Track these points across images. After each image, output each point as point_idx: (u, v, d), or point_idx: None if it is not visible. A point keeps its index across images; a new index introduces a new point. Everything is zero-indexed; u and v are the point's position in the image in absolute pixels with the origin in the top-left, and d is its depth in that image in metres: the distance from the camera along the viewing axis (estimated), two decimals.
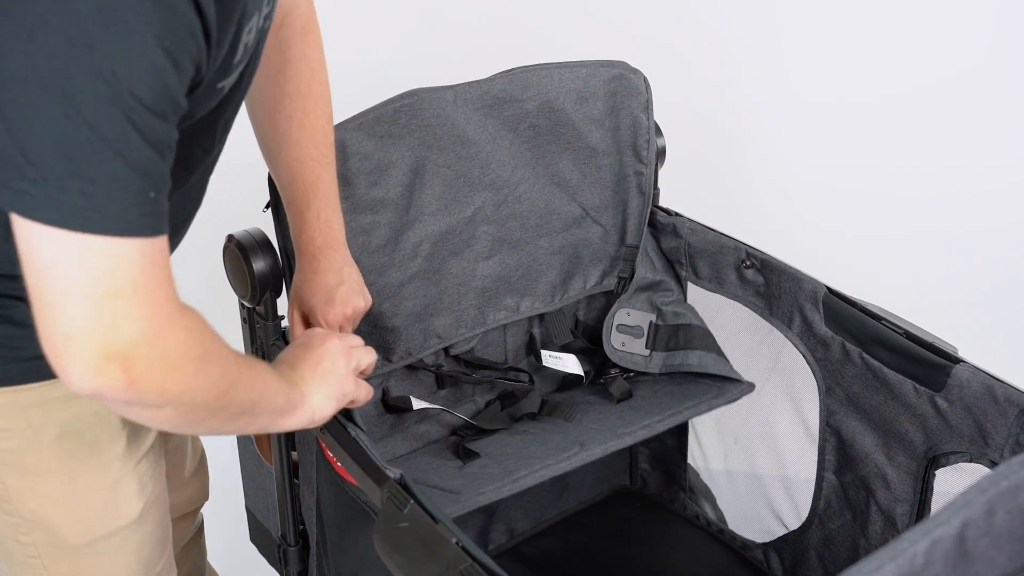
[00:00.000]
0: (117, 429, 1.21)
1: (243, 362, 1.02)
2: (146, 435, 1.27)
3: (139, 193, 0.83)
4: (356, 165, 1.39)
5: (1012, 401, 1.24)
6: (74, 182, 0.80)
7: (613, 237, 1.62)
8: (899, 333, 1.36)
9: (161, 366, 0.88)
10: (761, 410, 1.62)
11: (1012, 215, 2.78)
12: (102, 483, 1.21)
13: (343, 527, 1.34)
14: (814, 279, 1.47)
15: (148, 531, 1.30)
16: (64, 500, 1.19)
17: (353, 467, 1.20)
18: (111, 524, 1.24)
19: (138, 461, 1.25)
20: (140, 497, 1.26)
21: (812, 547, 1.59)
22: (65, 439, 1.16)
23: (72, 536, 1.22)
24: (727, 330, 1.61)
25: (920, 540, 0.75)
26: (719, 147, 2.81)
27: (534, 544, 1.78)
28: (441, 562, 1.03)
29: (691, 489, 1.80)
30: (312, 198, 1.26)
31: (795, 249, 1.72)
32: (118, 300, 0.84)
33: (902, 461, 1.40)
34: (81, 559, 1.24)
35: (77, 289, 0.83)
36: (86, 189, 0.80)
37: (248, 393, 1.03)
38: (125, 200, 0.82)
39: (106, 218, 0.82)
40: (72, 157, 0.80)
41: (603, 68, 1.56)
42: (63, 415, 1.15)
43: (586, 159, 1.58)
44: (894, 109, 2.83)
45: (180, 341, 0.89)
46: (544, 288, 1.59)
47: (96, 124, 0.79)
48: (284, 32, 1.26)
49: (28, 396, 1.12)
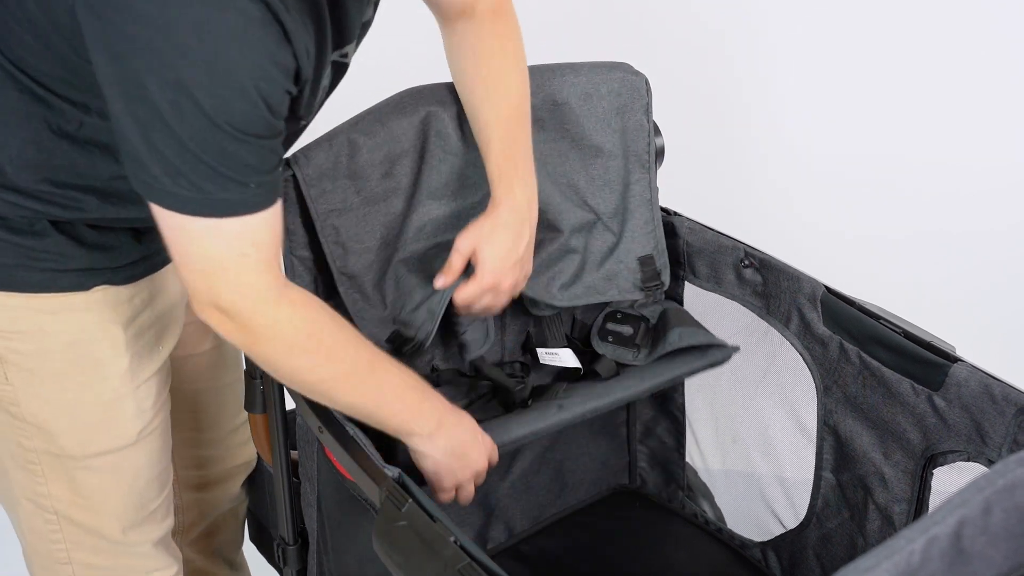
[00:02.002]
0: (121, 347, 1.30)
1: (370, 368, 1.21)
2: (150, 360, 1.35)
3: (240, 187, 1.05)
4: (366, 159, 1.39)
5: (1010, 400, 1.25)
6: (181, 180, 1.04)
7: (625, 245, 1.60)
8: (897, 332, 1.37)
9: (261, 334, 1.14)
10: (759, 410, 1.62)
11: (1012, 215, 2.78)
12: (101, 397, 1.30)
13: (344, 525, 1.34)
14: (812, 278, 1.47)
15: (144, 462, 1.36)
16: (64, 408, 1.28)
17: (352, 466, 1.20)
18: (107, 442, 1.32)
19: (139, 384, 1.33)
20: (137, 420, 1.33)
21: (810, 546, 1.59)
22: (71, 348, 1.27)
23: (69, 446, 1.30)
24: (725, 330, 1.61)
25: (917, 538, 0.75)
26: (717, 146, 2.81)
27: (533, 543, 1.78)
28: (439, 561, 1.03)
29: (690, 488, 1.80)
30: (513, 151, 1.39)
31: (794, 249, 1.72)
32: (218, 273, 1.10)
33: (900, 460, 1.40)
34: (77, 472, 1.32)
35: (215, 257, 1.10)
36: (195, 187, 1.04)
37: (358, 396, 1.22)
38: (230, 191, 1.05)
39: (216, 204, 1.05)
40: (177, 165, 1.03)
41: (606, 69, 1.55)
42: (72, 326, 1.26)
43: (593, 159, 1.56)
44: (894, 108, 2.84)
45: (285, 318, 1.14)
46: (541, 286, 1.58)
47: (193, 143, 1.02)
48: (476, 18, 1.37)
49: (42, 303, 1.24)
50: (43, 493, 1.34)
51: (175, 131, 1.00)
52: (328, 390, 1.21)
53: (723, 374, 1.64)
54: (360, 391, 1.22)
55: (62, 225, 1.23)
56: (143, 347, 1.34)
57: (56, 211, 1.21)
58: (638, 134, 1.58)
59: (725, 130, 2.84)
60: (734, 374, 1.64)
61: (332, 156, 1.37)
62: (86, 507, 1.34)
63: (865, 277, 2.34)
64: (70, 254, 1.24)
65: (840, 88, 2.85)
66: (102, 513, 1.35)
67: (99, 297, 1.27)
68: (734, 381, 1.66)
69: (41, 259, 1.23)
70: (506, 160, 1.38)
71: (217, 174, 1.03)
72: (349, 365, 1.20)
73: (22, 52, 1.14)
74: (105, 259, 1.26)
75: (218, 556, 1.70)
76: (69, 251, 1.24)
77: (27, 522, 1.38)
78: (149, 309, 1.34)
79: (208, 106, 0.99)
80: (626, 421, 1.82)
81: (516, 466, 1.74)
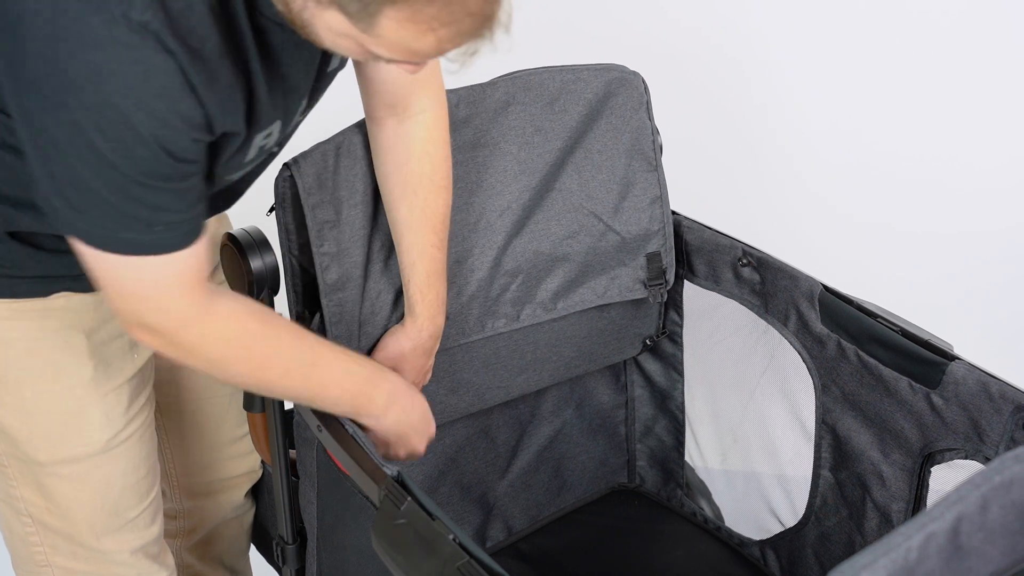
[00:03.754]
0: (84, 355, 1.28)
1: (310, 365, 1.21)
2: (120, 368, 1.33)
3: (145, 227, 1.03)
4: (361, 168, 1.38)
5: (1007, 398, 1.25)
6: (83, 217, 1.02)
7: (630, 243, 1.60)
8: (895, 331, 1.37)
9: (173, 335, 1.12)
10: (757, 408, 1.63)
11: (1011, 215, 2.79)
12: (63, 406, 1.28)
13: (341, 523, 1.34)
14: (810, 277, 1.47)
15: (118, 471, 1.34)
16: (26, 415, 1.27)
17: (351, 465, 1.21)
18: (73, 449, 1.30)
19: (107, 392, 1.31)
20: (105, 429, 1.31)
21: (808, 544, 1.59)
22: (30, 355, 1.25)
23: (33, 452, 1.29)
24: (723, 328, 1.61)
25: (914, 535, 0.75)
26: (716, 145, 2.81)
27: (532, 541, 1.78)
28: (439, 559, 1.04)
29: (688, 487, 1.80)
30: (435, 280, 1.39)
31: (792, 248, 1.72)
32: (137, 297, 1.08)
33: (897, 458, 1.41)
34: (45, 478, 1.31)
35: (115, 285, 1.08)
36: (97, 223, 1.02)
37: (299, 391, 1.24)
38: (134, 232, 1.03)
39: (119, 243, 1.03)
40: (76, 201, 1.01)
41: (602, 71, 1.55)
42: (30, 333, 1.25)
43: (593, 162, 1.56)
44: (893, 106, 2.84)
45: (213, 334, 1.13)
46: (544, 295, 1.58)
47: (94, 182, 1.00)
48: (408, 126, 1.33)
49: (0, 309, 1.22)
50: (17, 496, 1.32)
51: (74, 168, 0.98)
52: (267, 389, 1.27)
53: (722, 373, 1.65)
54: (300, 386, 1.23)
55: (20, 233, 1.20)
56: (112, 355, 1.31)
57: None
58: (641, 133, 1.58)
59: (723, 129, 2.84)
60: (733, 373, 1.65)
61: (321, 166, 1.35)
62: (58, 513, 1.33)
63: (863, 276, 2.34)
64: (26, 261, 1.21)
65: (839, 86, 2.85)
66: (74, 519, 1.34)
67: (60, 304, 1.25)
68: (733, 380, 1.66)
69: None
70: (429, 289, 1.39)
71: (120, 213, 1.01)
72: (283, 367, 1.20)
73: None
74: (65, 266, 1.21)
75: (219, 563, 1.70)
76: (24, 258, 1.21)
77: (6, 524, 1.37)
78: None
79: (105, 149, 0.97)
80: (625, 420, 1.83)
81: (515, 464, 1.75)
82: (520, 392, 1.64)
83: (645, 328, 1.70)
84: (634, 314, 1.67)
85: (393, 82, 1.29)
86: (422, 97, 1.32)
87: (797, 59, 2.86)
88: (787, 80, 2.86)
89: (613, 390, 1.80)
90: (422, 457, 1.42)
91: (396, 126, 1.32)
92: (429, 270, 1.38)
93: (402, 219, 1.36)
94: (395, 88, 1.29)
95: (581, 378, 1.75)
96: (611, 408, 1.81)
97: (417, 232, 1.36)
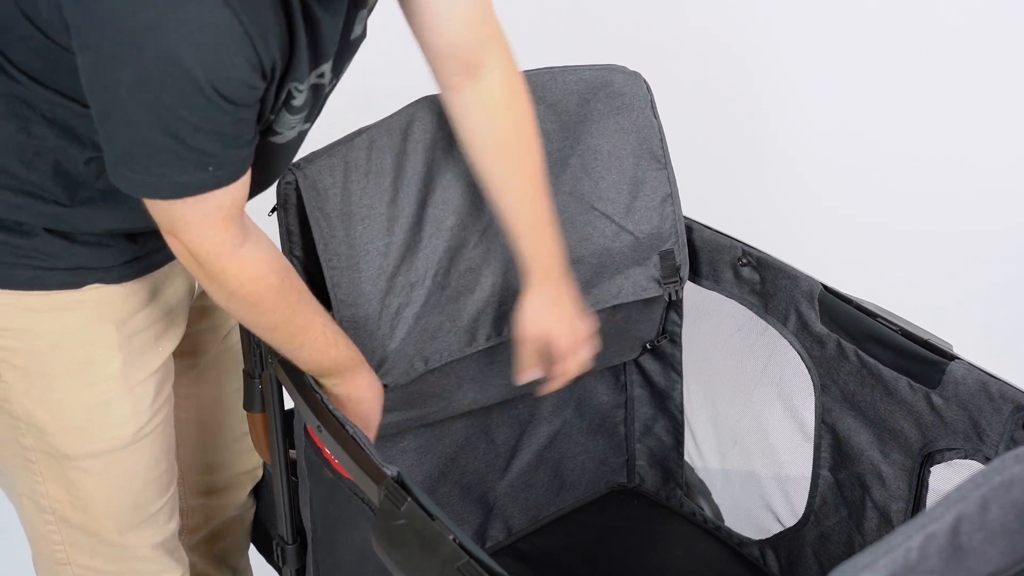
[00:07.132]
0: (114, 347, 1.30)
1: (300, 330, 1.27)
2: (147, 360, 1.35)
3: (197, 168, 1.08)
4: (374, 183, 1.38)
5: (1007, 398, 1.25)
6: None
7: (646, 243, 1.59)
8: (895, 330, 1.37)
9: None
10: (756, 408, 1.63)
11: (1011, 215, 2.79)
12: (93, 398, 1.30)
13: (339, 523, 1.34)
14: (810, 277, 1.47)
15: (142, 464, 1.36)
16: (55, 408, 1.29)
17: (351, 465, 1.20)
18: (101, 442, 1.32)
19: (135, 384, 1.33)
20: (133, 421, 1.33)
21: (808, 544, 1.59)
22: (59, 348, 1.27)
23: (62, 445, 1.30)
24: (723, 328, 1.61)
25: (914, 535, 0.75)
26: (715, 145, 2.81)
27: (532, 541, 1.78)
28: (438, 559, 1.03)
29: (688, 486, 1.80)
30: (548, 228, 1.43)
31: (791, 247, 1.72)
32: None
33: (897, 458, 1.41)
34: (72, 472, 1.32)
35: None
36: (154, 172, 1.08)
37: (281, 344, 1.29)
38: (187, 175, 1.09)
39: (176, 187, 1.10)
40: (132, 152, 1.08)
41: (603, 71, 1.55)
42: (60, 326, 1.27)
43: (602, 163, 1.55)
44: (893, 106, 2.84)
45: (232, 272, 1.18)
46: None
47: (152, 132, 1.06)
48: (483, 84, 1.36)
49: (30, 301, 1.25)
50: (41, 492, 1.34)
51: (133, 120, 1.04)
52: (252, 328, 1.31)
53: (722, 373, 1.65)
54: (283, 341, 1.29)
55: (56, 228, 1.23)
56: (139, 347, 1.33)
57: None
58: (649, 132, 1.58)
59: (723, 129, 2.84)
60: (733, 373, 1.65)
61: (329, 181, 1.35)
62: (82, 508, 1.34)
63: (863, 276, 2.34)
64: (60, 253, 1.24)
65: (840, 86, 2.85)
66: (98, 514, 1.35)
67: (91, 296, 1.27)
68: (732, 380, 1.66)
69: (31, 257, 1.23)
70: (543, 238, 1.42)
71: (177, 158, 1.07)
72: (277, 321, 1.26)
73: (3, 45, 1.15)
74: (97, 258, 1.26)
75: (220, 561, 1.70)
76: (59, 250, 1.24)
77: (29, 521, 1.38)
78: (147, 308, 1.34)
79: (167, 99, 1.02)
80: (624, 419, 1.83)
81: (515, 464, 1.75)
82: (521, 392, 1.64)
83: (647, 332, 1.70)
84: (639, 318, 1.67)
85: (460, 45, 1.33)
86: (491, 55, 1.36)
87: (797, 59, 2.86)
88: (787, 80, 2.86)
89: (612, 390, 1.80)
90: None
91: (472, 88, 1.36)
92: (539, 220, 1.41)
93: (498, 178, 1.39)
94: (463, 51, 1.34)
95: (580, 378, 1.74)
96: (610, 408, 1.81)
97: (517, 187, 1.40)
